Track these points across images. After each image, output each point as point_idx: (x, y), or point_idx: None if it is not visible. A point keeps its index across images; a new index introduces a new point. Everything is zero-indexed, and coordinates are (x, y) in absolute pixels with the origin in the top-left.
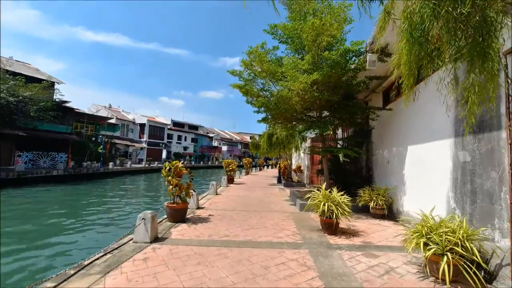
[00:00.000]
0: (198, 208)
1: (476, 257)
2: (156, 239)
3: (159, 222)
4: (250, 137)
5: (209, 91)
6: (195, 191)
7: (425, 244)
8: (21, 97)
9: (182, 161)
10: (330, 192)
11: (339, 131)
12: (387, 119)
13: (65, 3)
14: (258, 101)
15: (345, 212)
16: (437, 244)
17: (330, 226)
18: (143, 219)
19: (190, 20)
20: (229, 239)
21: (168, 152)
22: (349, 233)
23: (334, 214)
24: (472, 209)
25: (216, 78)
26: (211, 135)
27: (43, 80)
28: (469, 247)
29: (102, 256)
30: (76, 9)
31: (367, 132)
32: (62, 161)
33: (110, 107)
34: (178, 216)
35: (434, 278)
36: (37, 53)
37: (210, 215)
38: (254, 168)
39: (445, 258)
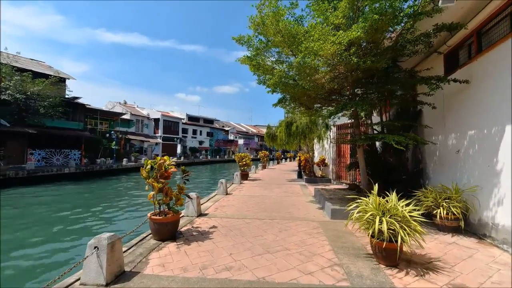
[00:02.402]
0: (200, 215)
1: None
2: (118, 277)
3: (141, 240)
4: (267, 127)
5: (224, 85)
6: (189, 197)
7: None
8: (29, 93)
9: (199, 154)
10: (386, 200)
11: (373, 115)
12: (452, 93)
13: (85, 5)
14: (273, 75)
15: (417, 233)
16: None
17: (391, 254)
18: (95, 247)
19: (203, 15)
20: (231, 276)
21: (184, 147)
22: (418, 263)
23: (400, 236)
24: None
25: (231, 72)
26: (227, 128)
27: (50, 75)
28: None
29: None
30: (96, 11)
31: (416, 113)
32: (75, 158)
33: (125, 103)
34: (166, 232)
35: None
36: (63, 56)
37: (212, 227)
38: (271, 162)
39: None
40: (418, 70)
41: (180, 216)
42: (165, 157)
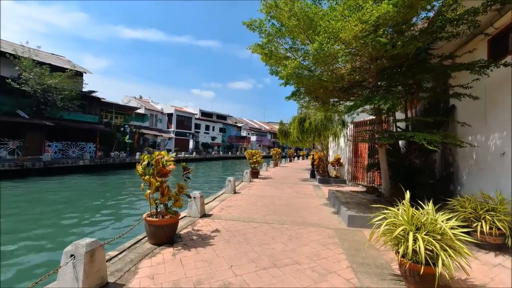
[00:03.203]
0: (203, 216)
1: None
2: None
3: (136, 242)
4: (280, 123)
5: (238, 81)
6: (190, 197)
7: None
8: (46, 86)
9: (211, 150)
10: (421, 212)
11: (397, 111)
12: (497, 84)
13: (106, 2)
14: (286, 65)
15: (463, 256)
16: None
17: (427, 280)
18: (71, 255)
19: (219, 10)
20: None
21: (196, 142)
22: None
23: (440, 259)
24: None
25: (244, 68)
26: (239, 124)
27: (67, 69)
28: None
29: None
30: (116, 8)
31: (448, 109)
32: (91, 151)
33: (140, 98)
34: (162, 235)
35: None
36: (86, 52)
37: (215, 230)
38: (283, 159)
39: None
40: (457, 55)
41: (181, 217)
42: (163, 152)
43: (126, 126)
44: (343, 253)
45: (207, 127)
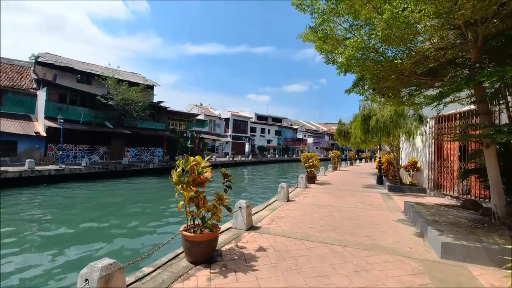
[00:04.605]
0: (250, 229)
1: None
2: None
3: (174, 258)
4: (338, 123)
5: (293, 84)
6: (229, 210)
7: None
8: (126, 100)
9: (267, 153)
10: None
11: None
12: None
13: (176, 25)
14: (348, 45)
15: None
16: None
17: None
18: (86, 280)
19: (272, 16)
20: None
21: (252, 146)
22: None
23: None
24: None
25: (299, 71)
26: (295, 127)
27: (140, 83)
28: None
29: None
30: (183, 29)
31: None
32: (159, 155)
33: (201, 105)
34: (198, 253)
35: None
36: (161, 70)
37: (261, 249)
38: (343, 162)
39: None
40: None
41: (226, 229)
42: (198, 158)
43: (188, 131)
44: None
45: (262, 130)
